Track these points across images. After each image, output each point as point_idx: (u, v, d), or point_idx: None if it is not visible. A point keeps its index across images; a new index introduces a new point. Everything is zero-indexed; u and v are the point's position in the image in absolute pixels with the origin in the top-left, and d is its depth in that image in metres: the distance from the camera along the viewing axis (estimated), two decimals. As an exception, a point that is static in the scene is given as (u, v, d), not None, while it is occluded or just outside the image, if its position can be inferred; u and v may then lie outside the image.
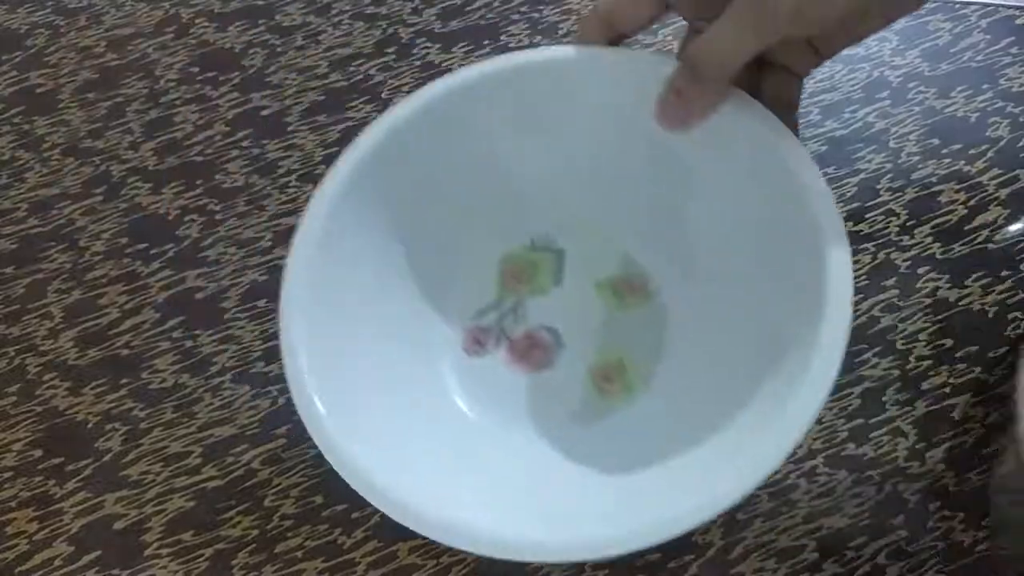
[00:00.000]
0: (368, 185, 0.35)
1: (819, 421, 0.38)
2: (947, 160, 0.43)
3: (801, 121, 0.45)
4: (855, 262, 0.41)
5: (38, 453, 0.40)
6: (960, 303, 0.40)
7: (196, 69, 0.49)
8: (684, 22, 0.35)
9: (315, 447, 0.39)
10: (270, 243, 0.44)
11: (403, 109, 0.35)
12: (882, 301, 0.41)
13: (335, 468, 0.30)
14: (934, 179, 0.43)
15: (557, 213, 0.39)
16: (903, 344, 0.40)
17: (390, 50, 0.49)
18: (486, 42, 0.48)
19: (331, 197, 0.34)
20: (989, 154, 0.44)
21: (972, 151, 0.44)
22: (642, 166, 0.37)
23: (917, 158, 0.44)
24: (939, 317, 0.40)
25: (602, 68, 0.35)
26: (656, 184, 0.38)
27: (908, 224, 0.42)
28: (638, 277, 0.39)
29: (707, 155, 0.35)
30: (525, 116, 0.37)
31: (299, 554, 0.37)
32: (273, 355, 0.41)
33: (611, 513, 0.32)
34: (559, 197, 0.39)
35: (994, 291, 0.40)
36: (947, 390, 0.39)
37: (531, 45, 0.48)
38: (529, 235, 0.40)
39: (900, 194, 0.43)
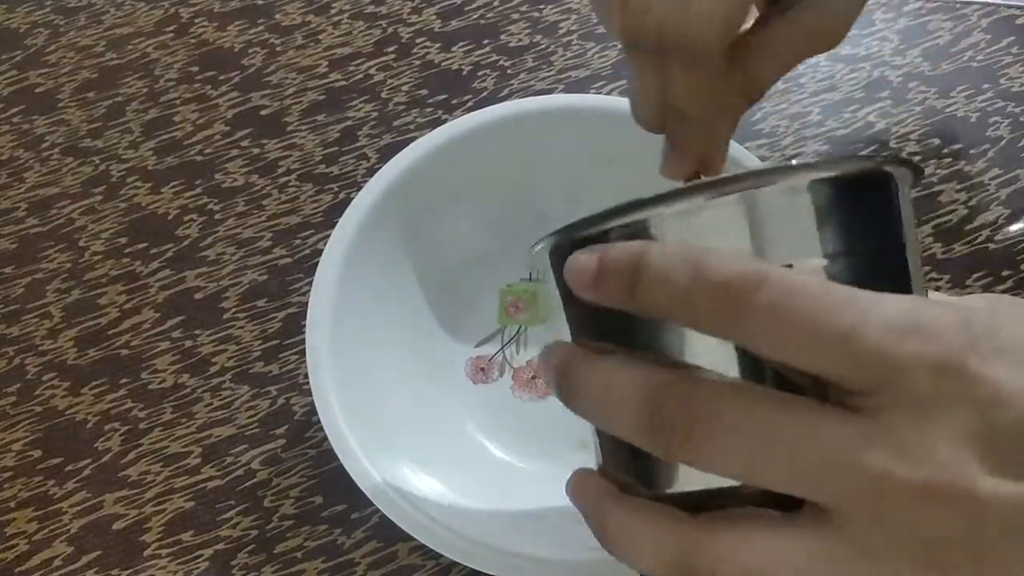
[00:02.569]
0: (380, 221, 0.36)
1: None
2: (948, 160, 0.43)
3: (802, 120, 0.45)
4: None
5: (37, 453, 0.40)
6: (961, 303, 0.40)
7: (196, 68, 0.49)
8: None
9: (314, 447, 0.39)
10: (270, 243, 0.43)
11: (426, 142, 0.37)
12: (882, 301, 0.40)
13: (378, 506, 0.31)
14: (935, 179, 0.43)
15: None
16: (903, 344, 0.40)
17: (390, 49, 0.48)
18: (486, 41, 0.48)
19: (350, 232, 0.35)
20: (990, 154, 0.43)
21: (973, 151, 0.44)
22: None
23: (918, 158, 0.43)
24: (940, 317, 0.40)
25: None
26: None
27: (909, 224, 0.42)
28: None
29: None
30: (546, 160, 0.39)
31: (299, 554, 0.37)
32: (272, 355, 0.41)
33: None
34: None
35: (995, 291, 0.40)
36: (947, 390, 0.39)
37: (531, 45, 0.48)
38: (527, 267, 0.41)
39: (901, 194, 0.43)
